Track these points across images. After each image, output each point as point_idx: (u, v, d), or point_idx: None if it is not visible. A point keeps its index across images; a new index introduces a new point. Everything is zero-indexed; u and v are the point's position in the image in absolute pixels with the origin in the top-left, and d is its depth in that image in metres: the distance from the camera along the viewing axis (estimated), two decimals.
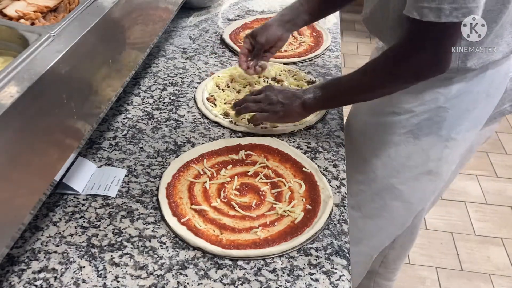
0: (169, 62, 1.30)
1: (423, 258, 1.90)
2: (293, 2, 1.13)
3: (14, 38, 0.69)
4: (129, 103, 1.12)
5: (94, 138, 1.00)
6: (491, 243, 1.97)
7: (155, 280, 0.71)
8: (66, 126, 0.69)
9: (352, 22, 3.53)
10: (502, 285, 1.80)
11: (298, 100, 0.96)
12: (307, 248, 0.77)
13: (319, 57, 1.35)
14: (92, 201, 0.85)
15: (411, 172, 1.05)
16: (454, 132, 0.99)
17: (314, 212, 0.82)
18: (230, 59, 1.32)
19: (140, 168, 0.93)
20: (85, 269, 0.72)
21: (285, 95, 0.98)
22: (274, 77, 1.21)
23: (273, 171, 0.92)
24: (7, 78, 0.57)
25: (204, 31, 1.48)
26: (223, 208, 0.84)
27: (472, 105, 0.97)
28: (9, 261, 0.73)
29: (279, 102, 0.97)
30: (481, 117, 1.01)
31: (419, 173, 1.05)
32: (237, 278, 0.72)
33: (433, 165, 1.03)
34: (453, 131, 0.99)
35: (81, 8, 0.75)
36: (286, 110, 0.97)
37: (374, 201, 1.11)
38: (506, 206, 2.15)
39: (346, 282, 0.72)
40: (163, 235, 0.79)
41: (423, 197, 1.12)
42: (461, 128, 0.99)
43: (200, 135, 1.02)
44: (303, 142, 1.02)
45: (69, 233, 0.78)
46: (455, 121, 0.98)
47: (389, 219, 1.13)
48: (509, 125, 2.66)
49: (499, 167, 2.36)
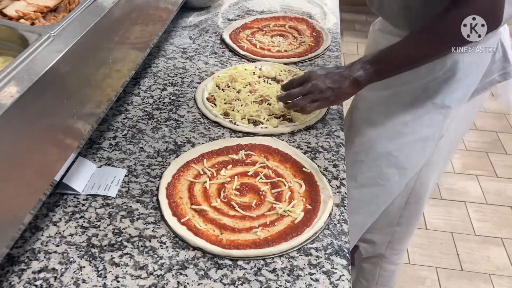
0: (169, 62, 1.30)
1: (423, 258, 1.90)
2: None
3: (14, 38, 0.69)
4: (129, 103, 1.12)
5: (94, 138, 1.00)
6: (491, 243, 1.97)
7: (155, 280, 0.71)
8: (66, 126, 0.69)
9: (352, 22, 3.53)
10: (502, 285, 1.80)
11: (347, 80, 0.96)
12: (307, 248, 0.77)
13: (319, 57, 1.35)
14: (92, 201, 0.85)
15: (407, 138, 1.11)
16: (448, 100, 1.06)
17: (314, 212, 0.82)
18: (230, 59, 1.33)
19: (140, 168, 0.93)
20: (85, 269, 0.72)
21: (332, 78, 0.96)
22: (274, 77, 1.21)
23: (273, 171, 0.92)
24: (7, 78, 0.57)
25: (204, 31, 1.48)
26: (223, 208, 0.84)
27: (464, 74, 1.03)
28: (9, 261, 0.73)
29: (328, 88, 0.96)
30: (471, 86, 1.07)
31: (414, 140, 1.11)
32: (237, 278, 0.72)
33: (428, 131, 1.10)
34: (447, 99, 1.06)
35: (81, 8, 0.75)
36: (336, 94, 0.97)
37: (370, 170, 1.16)
38: (506, 206, 2.15)
39: (346, 282, 0.72)
40: (163, 235, 0.79)
41: (417, 162, 1.16)
42: (454, 97, 1.06)
43: (200, 135, 1.02)
44: (303, 142, 1.02)
45: (69, 233, 0.78)
46: (449, 90, 1.05)
47: (385, 186, 1.18)
48: (509, 125, 2.66)
49: (499, 167, 2.36)
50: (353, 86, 0.96)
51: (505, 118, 2.71)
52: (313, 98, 0.97)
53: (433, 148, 1.14)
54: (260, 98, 1.12)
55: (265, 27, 1.49)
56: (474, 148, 2.47)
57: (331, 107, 1.12)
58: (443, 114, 1.08)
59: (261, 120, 1.05)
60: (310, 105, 0.98)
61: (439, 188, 2.22)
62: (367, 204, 1.21)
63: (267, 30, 1.47)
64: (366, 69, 0.95)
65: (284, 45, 1.38)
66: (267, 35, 1.44)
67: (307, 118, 1.06)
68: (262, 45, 1.38)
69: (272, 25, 1.50)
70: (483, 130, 2.61)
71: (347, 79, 0.96)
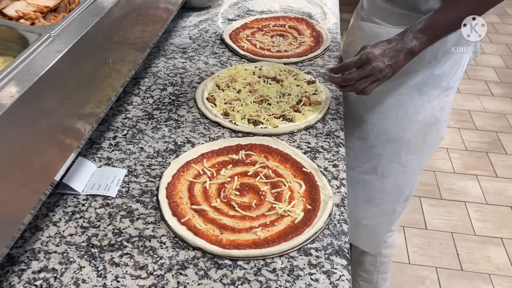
0: (169, 62, 1.30)
1: (423, 258, 1.90)
2: None
3: (14, 38, 0.69)
4: (129, 103, 1.12)
5: (94, 138, 1.00)
6: (491, 243, 1.97)
7: (155, 280, 0.71)
8: (66, 126, 0.69)
9: None
10: (502, 285, 1.80)
11: (402, 53, 0.96)
12: (307, 248, 0.77)
13: (319, 57, 1.35)
14: (92, 201, 0.85)
15: (421, 124, 1.15)
16: (452, 81, 1.12)
17: (314, 212, 0.82)
18: (230, 59, 1.32)
19: (140, 168, 0.93)
20: (85, 269, 0.72)
21: (389, 55, 0.96)
22: (274, 77, 1.21)
23: (273, 171, 0.92)
24: (7, 78, 0.57)
25: (204, 31, 1.48)
26: (223, 208, 0.83)
27: (461, 54, 1.08)
28: (9, 261, 0.73)
29: (387, 66, 0.97)
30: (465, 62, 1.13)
31: (427, 124, 1.15)
32: (237, 278, 0.72)
33: (438, 114, 1.15)
34: (451, 80, 1.11)
35: (81, 8, 0.75)
36: (394, 68, 0.98)
37: (390, 160, 1.20)
38: (506, 206, 2.15)
39: (346, 282, 0.72)
40: (163, 235, 0.79)
41: (432, 145, 1.22)
42: (456, 77, 1.12)
43: (200, 135, 1.02)
44: (303, 142, 1.02)
45: (69, 233, 0.78)
46: (451, 71, 1.10)
47: (407, 172, 1.21)
48: (509, 125, 2.66)
49: (499, 167, 2.36)
50: (408, 57, 0.97)
51: (505, 118, 2.72)
52: (374, 79, 0.98)
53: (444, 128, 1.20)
54: (260, 98, 1.12)
55: (265, 27, 1.49)
56: (474, 148, 2.47)
57: (331, 107, 1.12)
58: (449, 95, 1.14)
59: (261, 120, 1.05)
60: (370, 86, 0.99)
61: (439, 188, 2.22)
62: (392, 191, 1.25)
63: (267, 30, 1.47)
64: (419, 38, 0.96)
65: (284, 45, 1.38)
66: (267, 35, 1.44)
67: (307, 118, 1.06)
68: (262, 45, 1.38)
69: (272, 25, 1.50)
70: (483, 130, 2.61)
71: (402, 51, 0.96)
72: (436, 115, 1.15)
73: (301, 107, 1.10)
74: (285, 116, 1.07)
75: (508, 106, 2.81)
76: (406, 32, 0.97)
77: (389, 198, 1.26)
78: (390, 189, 1.25)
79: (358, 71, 0.98)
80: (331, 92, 1.17)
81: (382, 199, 1.26)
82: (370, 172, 1.23)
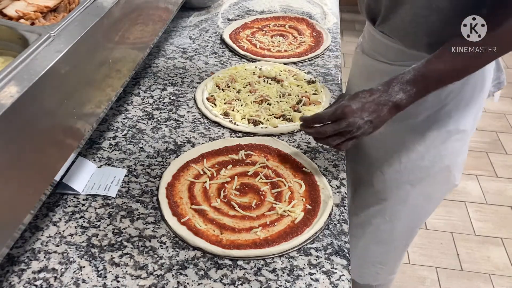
0: (169, 62, 1.30)
1: (423, 258, 1.89)
2: None
3: (14, 38, 0.69)
4: (129, 103, 1.12)
5: (94, 138, 1.00)
6: (491, 243, 1.97)
7: (155, 280, 0.71)
8: (66, 126, 0.69)
9: (352, 22, 3.53)
10: (502, 285, 1.80)
11: (386, 107, 0.84)
12: (307, 248, 0.77)
13: (319, 57, 1.35)
14: (92, 201, 0.85)
15: (427, 171, 1.04)
16: (462, 124, 0.99)
17: (314, 212, 0.83)
18: (230, 59, 1.32)
19: (140, 168, 0.93)
20: (85, 269, 0.72)
21: (369, 110, 0.84)
22: (274, 77, 1.21)
23: (273, 171, 0.92)
24: (7, 78, 0.57)
25: (204, 31, 1.48)
26: (223, 208, 0.84)
27: (470, 94, 0.96)
28: (9, 261, 0.73)
29: (366, 122, 0.84)
30: (479, 102, 1.00)
31: (434, 172, 1.05)
32: (237, 278, 0.72)
33: (447, 161, 1.03)
34: (461, 123, 0.99)
35: (81, 8, 0.75)
36: (375, 124, 0.85)
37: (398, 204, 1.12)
38: (506, 206, 2.15)
39: (346, 282, 0.72)
40: (163, 235, 0.79)
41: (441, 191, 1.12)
42: (467, 120, 0.99)
43: (200, 135, 1.02)
44: (303, 142, 1.02)
45: (69, 233, 0.78)
46: (460, 114, 0.98)
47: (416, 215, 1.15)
48: (509, 125, 2.66)
49: (499, 167, 2.36)
50: (393, 111, 0.85)
51: (505, 118, 2.71)
52: (350, 136, 0.86)
53: (459, 175, 1.09)
54: (260, 98, 1.12)
55: (265, 27, 1.49)
56: (474, 148, 2.47)
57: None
58: (461, 139, 1.01)
59: (261, 120, 1.05)
60: (345, 143, 0.87)
61: None
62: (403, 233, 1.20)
63: (267, 30, 1.47)
64: (406, 90, 0.83)
65: (284, 45, 1.38)
66: (267, 35, 1.44)
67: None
68: (262, 45, 1.38)
69: (272, 25, 1.50)
70: (483, 130, 2.61)
71: (386, 105, 0.84)
72: (444, 162, 1.03)
73: (301, 107, 1.10)
74: (285, 116, 1.07)
75: (508, 106, 2.81)
76: (392, 83, 0.84)
77: (399, 239, 1.20)
78: (400, 231, 1.18)
79: (332, 125, 0.85)
80: (331, 92, 1.17)
81: (393, 240, 1.19)
82: (378, 215, 1.15)
